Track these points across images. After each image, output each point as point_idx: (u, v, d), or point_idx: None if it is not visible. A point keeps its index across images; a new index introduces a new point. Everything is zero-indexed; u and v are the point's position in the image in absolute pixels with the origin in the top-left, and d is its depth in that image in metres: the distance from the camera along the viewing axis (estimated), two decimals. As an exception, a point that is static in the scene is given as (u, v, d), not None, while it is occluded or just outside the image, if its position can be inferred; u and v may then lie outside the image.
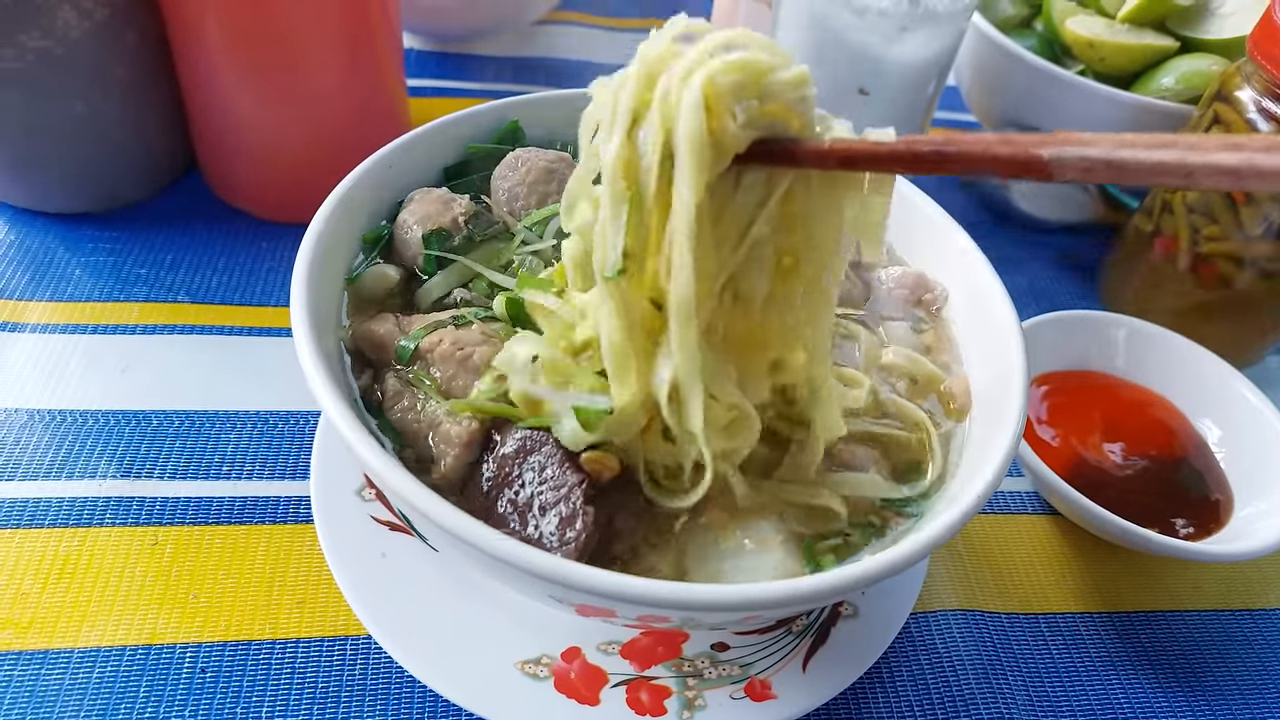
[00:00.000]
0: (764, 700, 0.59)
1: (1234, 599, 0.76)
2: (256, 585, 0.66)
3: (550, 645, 0.61)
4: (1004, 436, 0.53)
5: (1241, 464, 0.80)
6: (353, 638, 0.64)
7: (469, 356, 0.56)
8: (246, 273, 0.88)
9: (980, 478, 0.51)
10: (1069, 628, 0.72)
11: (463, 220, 0.65)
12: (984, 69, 1.10)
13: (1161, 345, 0.86)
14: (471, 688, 0.58)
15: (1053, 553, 0.77)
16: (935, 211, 0.68)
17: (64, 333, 0.80)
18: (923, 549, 0.47)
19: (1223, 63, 0.99)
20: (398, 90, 0.97)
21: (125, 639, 0.62)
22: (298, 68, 0.84)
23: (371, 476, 0.48)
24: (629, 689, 0.59)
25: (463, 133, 0.71)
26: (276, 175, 0.91)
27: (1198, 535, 0.75)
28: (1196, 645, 0.73)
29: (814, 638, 0.63)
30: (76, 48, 0.80)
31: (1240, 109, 0.81)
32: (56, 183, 0.88)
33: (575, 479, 0.51)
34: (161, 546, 0.67)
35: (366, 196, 0.64)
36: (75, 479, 0.70)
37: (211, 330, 0.82)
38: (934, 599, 0.72)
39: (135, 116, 0.88)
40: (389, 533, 0.65)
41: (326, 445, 0.69)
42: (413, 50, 1.24)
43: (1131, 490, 0.78)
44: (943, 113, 1.27)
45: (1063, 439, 0.81)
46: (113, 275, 0.86)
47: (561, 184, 0.69)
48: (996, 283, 0.62)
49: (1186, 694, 0.69)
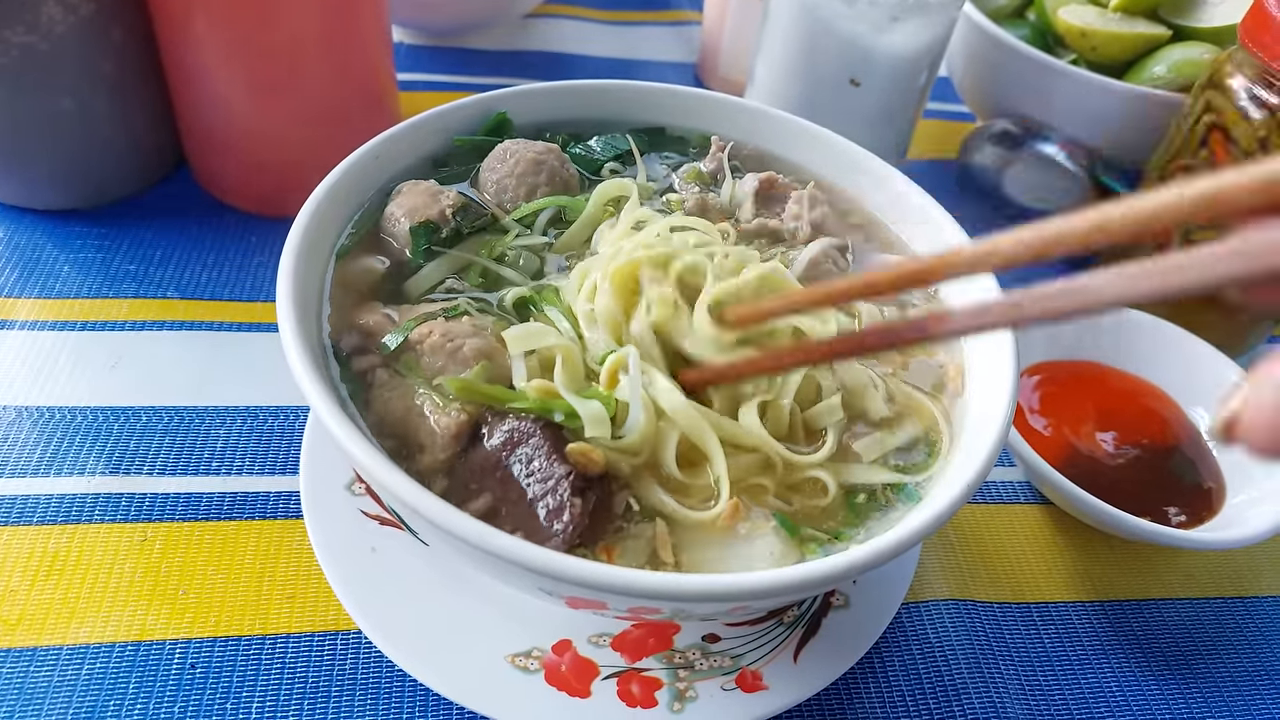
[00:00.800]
0: (755, 691, 0.59)
1: (1226, 587, 0.76)
2: (246, 580, 0.66)
3: (541, 638, 0.61)
4: (994, 425, 0.53)
5: (1234, 452, 0.80)
6: (342, 632, 0.64)
7: (459, 348, 0.56)
8: (236, 268, 0.87)
9: (970, 466, 0.51)
10: (1061, 617, 0.72)
11: (450, 212, 0.65)
12: (976, 59, 1.10)
13: (1154, 334, 0.86)
14: (462, 681, 0.58)
15: (1045, 542, 0.77)
16: (926, 202, 0.68)
17: (53, 330, 0.80)
18: (914, 536, 0.47)
19: (1214, 51, 0.98)
20: (387, 85, 0.97)
21: (114, 635, 0.62)
22: (286, 62, 0.84)
23: (361, 472, 0.48)
24: (620, 681, 0.59)
25: (450, 124, 0.71)
26: (265, 170, 0.91)
27: (1190, 523, 0.75)
28: (1189, 633, 0.73)
29: (805, 628, 0.63)
30: (62, 43, 0.79)
31: (1231, 96, 0.81)
32: (44, 179, 0.88)
33: (563, 470, 0.51)
34: (151, 543, 0.67)
35: (354, 188, 0.64)
36: (64, 475, 0.70)
37: (201, 326, 0.82)
38: (925, 589, 0.72)
39: (122, 112, 0.87)
40: (378, 527, 0.65)
41: (316, 440, 0.68)
42: (402, 45, 1.24)
43: (1124, 479, 0.78)
44: (935, 104, 1.27)
45: (1055, 428, 0.81)
46: (101, 272, 0.85)
47: (550, 175, 0.68)
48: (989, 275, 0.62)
49: (1179, 682, 0.69)
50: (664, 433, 0.52)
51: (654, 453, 0.53)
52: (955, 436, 0.58)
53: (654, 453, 0.53)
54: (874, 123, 0.99)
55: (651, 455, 0.53)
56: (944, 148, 1.19)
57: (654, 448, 0.53)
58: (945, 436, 0.58)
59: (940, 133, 1.23)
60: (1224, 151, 0.82)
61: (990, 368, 0.58)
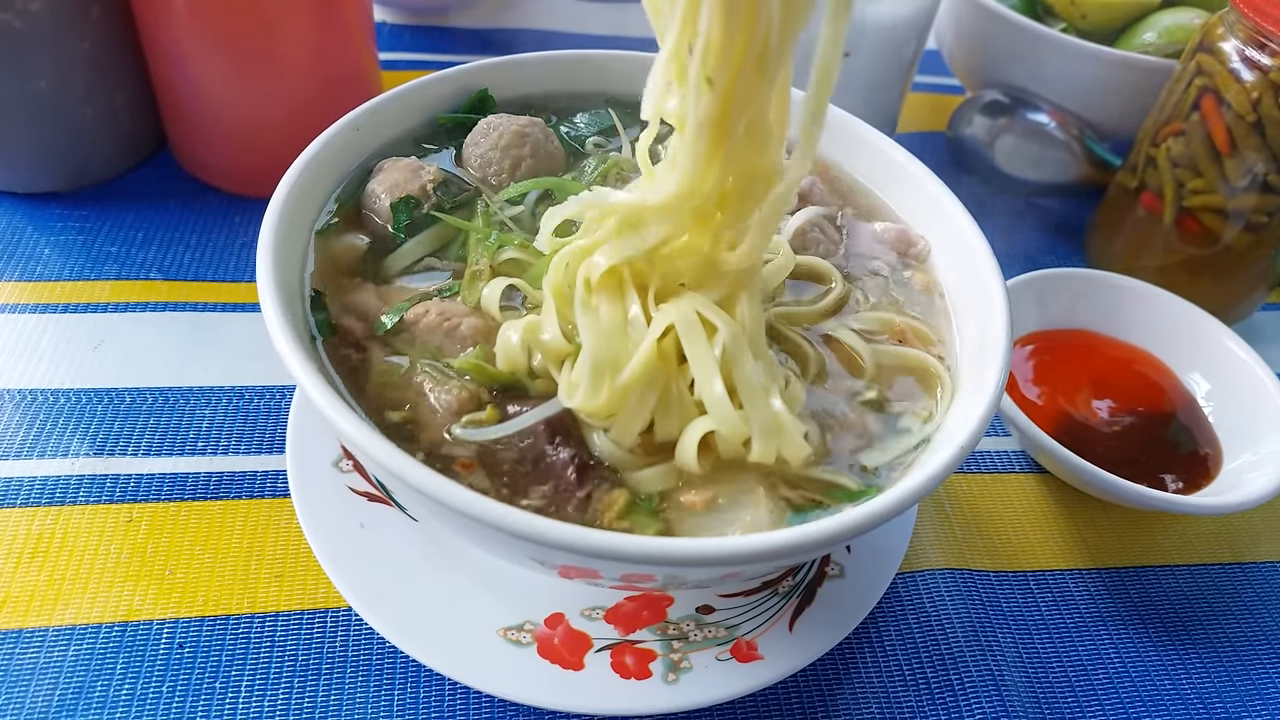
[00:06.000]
0: (750, 661, 0.59)
1: (1224, 552, 0.76)
2: (234, 560, 0.65)
3: (533, 612, 0.60)
4: (988, 383, 0.52)
5: (1230, 418, 0.79)
6: (332, 610, 0.63)
7: (456, 327, 0.55)
8: (219, 249, 0.86)
9: (963, 429, 0.50)
10: (1058, 585, 0.72)
11: (431, 187, 0.64)
12: (965, 29, 1.09)
13: (1148, 301, 0.85)
14: (454, 656, 0.57)
15: (1041, 510, 0.77)
16: (920, 171, 0.67)
17: (34, 312, 0.79)
18: (908, 498, 0.46)
19: (1205, 15, 0.98)
20: (369, 64, 0.95)
21: (101, 616, 0.61)
22: (266, 40, 0.83)
23: (348, 446, 0.47)
24: (614, 653, 0.59)
25: (430, 97, 0.69)
26: (247, 150, 0.90)
27: (1187, 490, 0.74)
28: (1187, 599, 0.72)
29: (800, 598, 0.62)
30: (38, 21, 0.78)
31: (1224, 59, 0.80)
32: (22, 161, 0.87)
33: (566, 455, 0.50)
34: (136, 523, 0.66)
35: (334, 161, 0.63)
36: (48, 458, 0.69)
37: (184, 307, 0.81)
38: (921, 558, 0.71)
39: (102, 93, 0.86)
40: (367, 503, 0.64)
41: (302, 419, 0.67)
42: (385, 24, 1.22)
43: (1120, 447, 0.77)
44: (923, 76, 1.26)
45: (1049, 397, 0.80)
46: (83, 254, 0.84)
47: (534, 147, 0.67)
48: (979, 235, 0.61)
49: (1177, 648, 0.69)
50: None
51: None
52: (953, 394, 0.57)
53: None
54: (863, 93, 0.98)
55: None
56: (933, 120, 1.18)
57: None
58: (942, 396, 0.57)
59: (929, 105, 1.22)
60: (1216, 115, 0.81)
61: (983, 329, 0.57)
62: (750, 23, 0.43)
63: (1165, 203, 0.89)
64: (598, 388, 0.49)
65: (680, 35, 0.46)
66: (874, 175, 0.71)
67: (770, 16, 0.43)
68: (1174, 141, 0.86)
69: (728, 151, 0.48)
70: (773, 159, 0.50)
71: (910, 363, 0.59)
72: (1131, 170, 0.93)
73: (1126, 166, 0.94)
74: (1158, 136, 0.88)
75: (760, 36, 0.44)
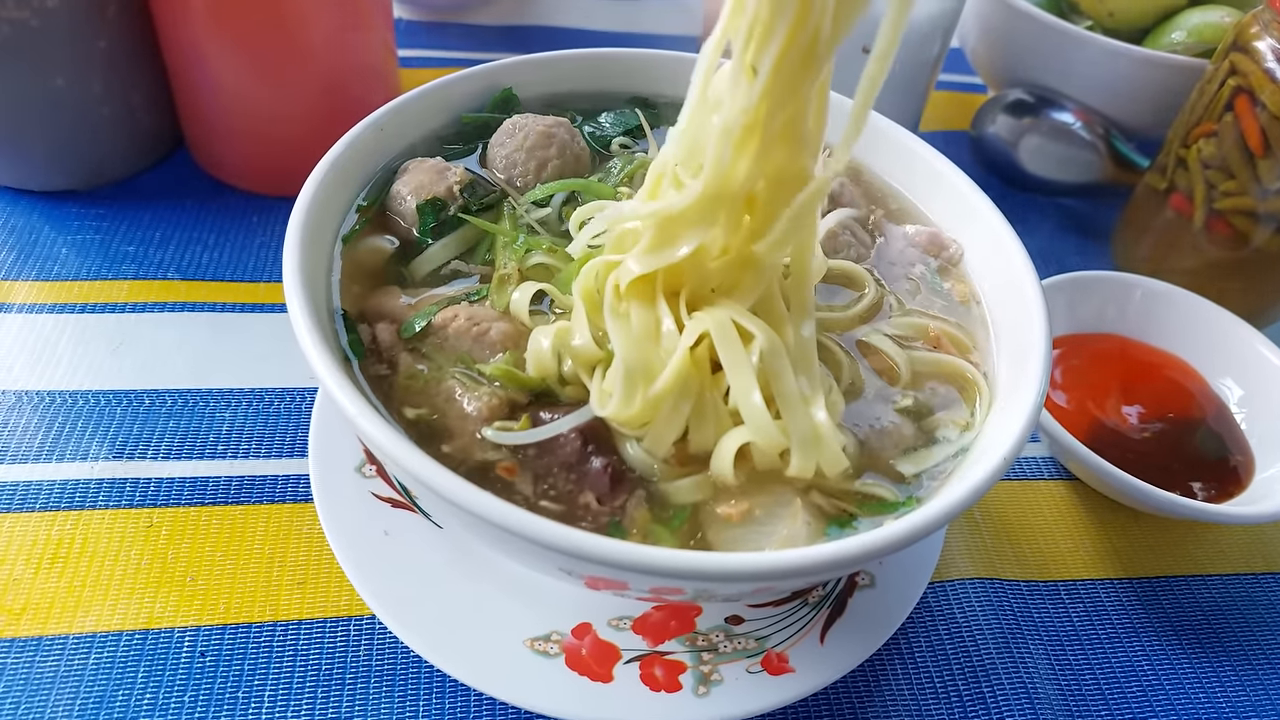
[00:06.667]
0: (781, 674, 0.58)
1: (1257, 562, 0.75)
2: (256, 566, 0.64)
3: (559, 622, 0.59)
4: (1027, 393, 0.51)
5: (1262, 425, 0.78)
6: (356, 618, 0.62)
7: (485, 332, 0.54)
8: (238, 248, 0.85)
9: (1004, 440, 0.49)
10: (1089, 594, 0.70)
11: (458, 189, 0.63)
12: (990, 27, 1.07)
13: (1177, 305, 0.84)
14: (480, 666, 0.56)
15: (1071, 519, 0.75)
16: (949, 169, 0.66)
17: (52, 312, 0.78)
18: (949, 512, 0.45)
19: (1235, 14, 0.96)
20: (388, 61, 0.94)
21: (122, 624, 0.60)
22: (284, 38, 0.82)
23: (374, 451, 0.46)
24: (642, 664, 0.58)
25: (453, 96, 0.69)
26: (265, 148, 0.89)
27: (1218, 499, 0.73)
28: (1220, 609, 0.71)
29: (831, 609, 0.61)
30: (54, 19, 0.77)
31: (1259, 58, 0.79)
32: (39, 160, 0.86)
33: (600, 464, 0.49)
34: (157, 528, 0.65)
35: (359, 162, 0.62)
36: (67, 461, 0.68)
37: (203, 307, 0.80)
38: (951, 568, 0.70)
39: (119, 91, 0.85)
40: (391, 510, 0.63)
41: (324, 421, 0.67)
42: (402, 20, 1.21)
43: (1149, 454, 0.76)
44: (947, 75, 1.25)
45: (1078, 403, 0.79)
46: (100, 253, 0.83)
47: (560, 148, 0.66)
48: (1015, 241, 0.60)
49: (1211, 659, 0.68)
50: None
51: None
52: (990, 404, 0.56)
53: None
54: (888, 93, 0.96)
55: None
56: (957, 119, 1.17)
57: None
58: (980, 404, 0.56)
59: (953, 104, 1.21)
60: (1250, 115, 0.80)
61: (1021, 340, 0.56)
62: (803, 7, 0.42)
63: (1195, 204, 0.87)
64: (631, 396, 0.49)
65: (732, 16, 0.45)
66: (903, 176, 0.70)
67: (825, 2, 0.42)
68: (1205, 142, 0.85)
69: (761, 148, 0.47)
70: (805, 164, 0.49)
71: (946, 370, 0.58)
72: (1160, 171, 0.91)
73: (1155, 167, 0.93)
74: (1188, 137, 0.87)
75: (812, 24, 0.43)
